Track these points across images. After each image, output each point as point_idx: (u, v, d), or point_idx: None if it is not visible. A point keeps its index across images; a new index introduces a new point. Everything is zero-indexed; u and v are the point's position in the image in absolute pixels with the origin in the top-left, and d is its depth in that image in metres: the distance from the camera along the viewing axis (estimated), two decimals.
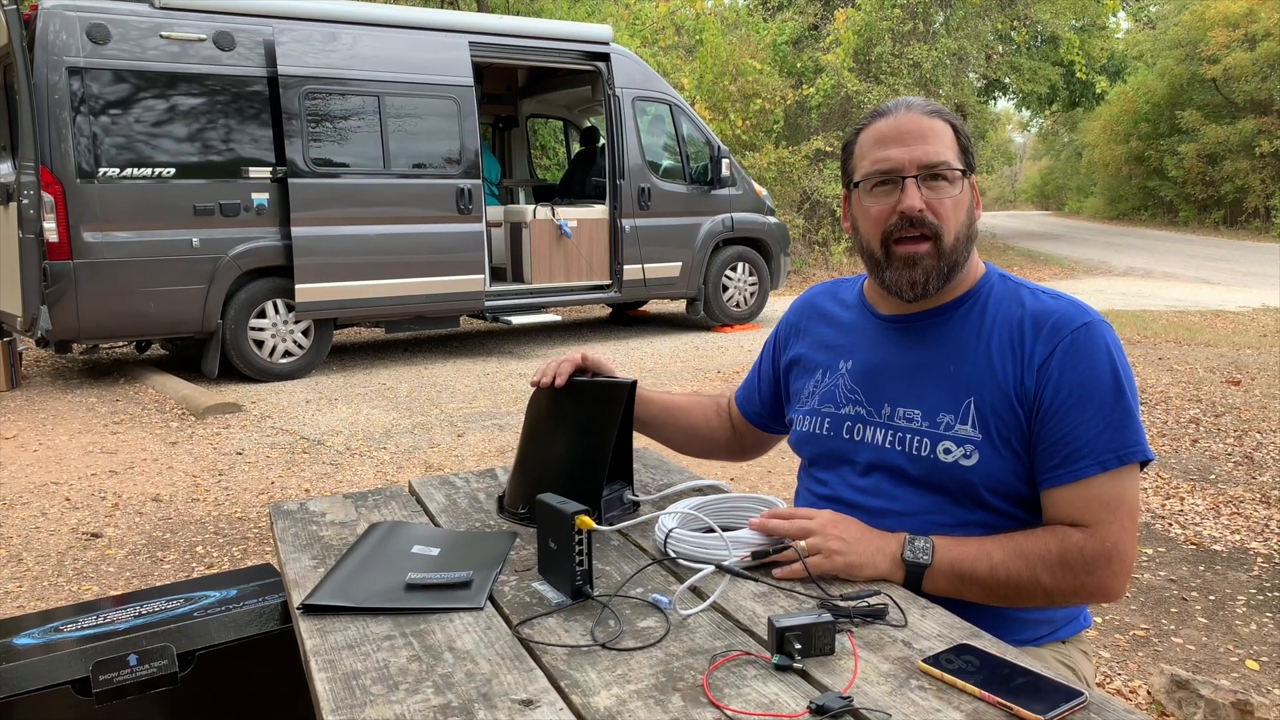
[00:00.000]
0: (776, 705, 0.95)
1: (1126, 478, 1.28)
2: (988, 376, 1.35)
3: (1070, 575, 1.26)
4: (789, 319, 1.68)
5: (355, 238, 7.12)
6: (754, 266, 9.48)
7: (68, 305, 6.19)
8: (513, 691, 0.99)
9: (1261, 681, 2.57)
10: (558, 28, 8.64)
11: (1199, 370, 6.56)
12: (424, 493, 1.71)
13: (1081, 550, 1.26)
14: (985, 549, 1.28)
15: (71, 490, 4.43)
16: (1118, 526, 1.27)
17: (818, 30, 18.74)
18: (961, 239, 1.39)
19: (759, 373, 1.74)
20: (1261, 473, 4.38)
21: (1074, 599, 1.29)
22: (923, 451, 1.37)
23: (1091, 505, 1.27)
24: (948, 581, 1.27)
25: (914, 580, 1.27)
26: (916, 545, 1.28)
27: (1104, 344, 1.32)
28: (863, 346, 1.50)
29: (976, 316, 1.40)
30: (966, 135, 1.43)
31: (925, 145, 1.37)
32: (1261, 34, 23.01)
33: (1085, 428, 1.28)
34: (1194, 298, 11.95)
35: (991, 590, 1.28)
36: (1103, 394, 1.29)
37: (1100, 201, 33.60)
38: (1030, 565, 1.26)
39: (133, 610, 1.72)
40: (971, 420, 1.34)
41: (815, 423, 1.51)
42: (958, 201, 1.39)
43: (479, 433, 5.40)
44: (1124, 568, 1.27)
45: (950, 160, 1.38)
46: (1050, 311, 1.35)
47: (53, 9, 6.11)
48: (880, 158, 1.39)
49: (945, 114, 1.42)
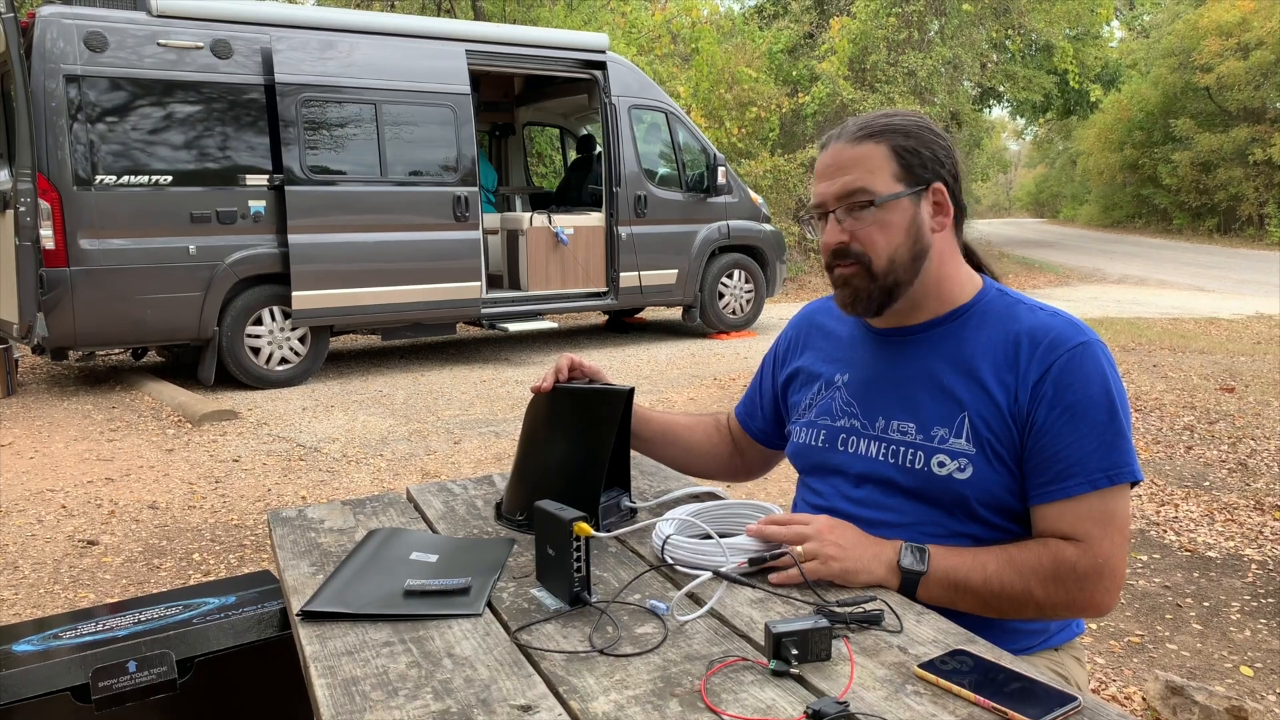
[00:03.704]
0: (773, 710, 0.96)
1: (1117, 496, 1.29)
2: (981, 391, 1.36)
3: (1062, 589, 1.27)
4: (788, 334, 1.70)
5: (352, 245, 7.13)
6: (750, 274, 9.50)
7: (64, 312, 6.19)
8: (511, 697, 1.00)
9: (1256, 688, 2.58)
10: (554, 36, 8.67)
11: (1193, 377, 6.58)
12: (422, 499, 1.72)
13: (1074, 565, 1.27)
14: (980, 559, 1.29)
15: (67, 497, 4.42)
16: (1109, 543, 1.28)
17: (813, 38, 18.81)
18: (901, 259, 1.39)
19: (760, 388, 1.75)
20: (1255, 479, 4.39)
21: (1065, 612, 1.30)
22: (917, 464, 1.38)
23: (1083, 521, 1.29)
24: (942, 590, 1.28)
25: (909, 587, 1.28)
26: (912, 553, 1.30)
27: (1099, 364, 1.32)
28: (858, 360, 1.51)
29: (972, 330, 1.41)
30: (912, 150, 1.39)
31: (845, 175, 1.40)
32: (1255, 43, 23.10)
33: (1077, 446, 1.29)
34: (1188, 305, 11.98)
35: (985, 600, 1.29)
36: (1096, 413, 1.30)
37: (1095, 209, 33.71)
38: (1024, 577, 1.28)
39: (132, 617, 1.72)
40: (965, 434, 1.35)
41: (811, 435, 1.53)
42: (886, 224, 1.38)
43: (476, 439, 5.40)
44: (1115, 583, 1.29)
45: (869, 185, 1.38)
46: (1047, 329, 1.35)
47: (50, 16, 6.12)
48: (814, 193, 1.46)
49: (883, 134, 1.40)
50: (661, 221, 8.77)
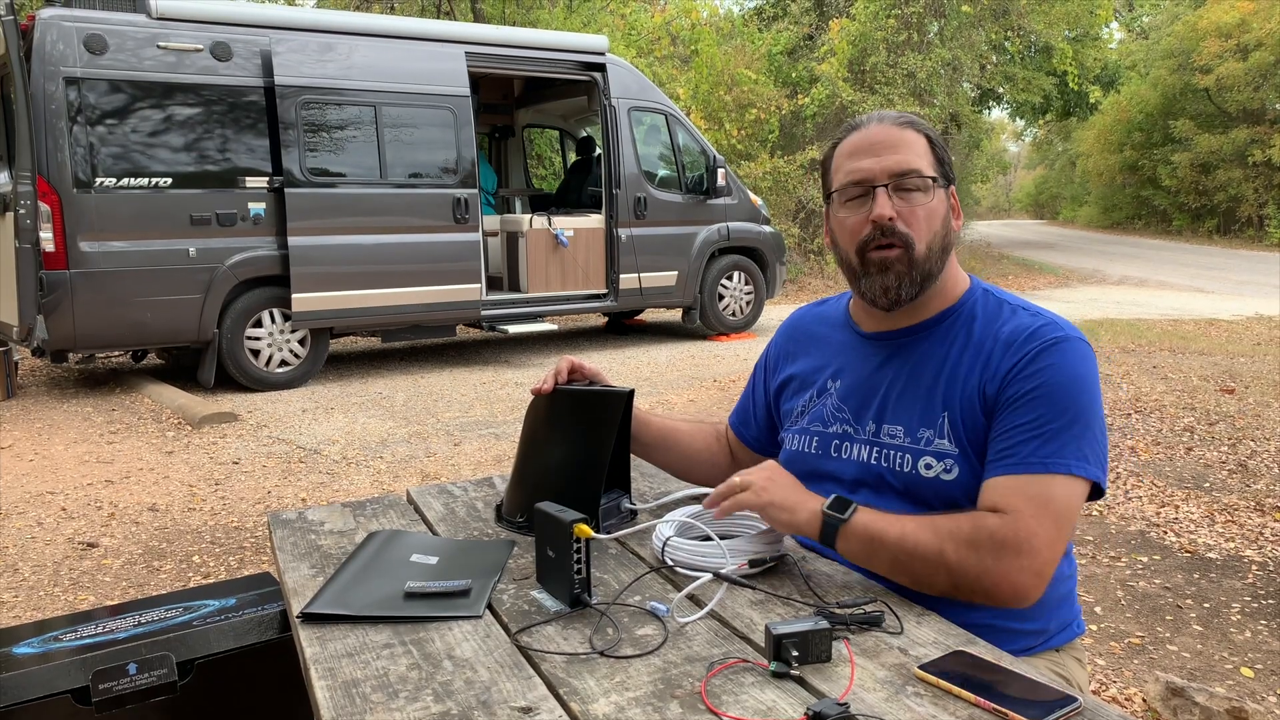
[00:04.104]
0: (774, 712, 0.96)
1: (1058, 484, 1.26)
2: (963, 391, 1.36)
3: (975, 555, 1.22)
4: (777, 341, 1.70)
5: (352, 247, 7.13)
6: (750, 275, 9.51)
7: (64, 315, 6.19)
8: (512, 699, 1.00)
9: (1256, 689, 2.58)
10: (554, 38, 8.68)
11: (1193, 378, 6.58)
12: (422, 501, 1.72)
13: (992, 533, 1.23)
14: (901, 519, 1.28)
15: (67, 500, 4.42)
16: (1036, 522, 1.23)
17: (813, 40, 18.82)
18: (935, 249, 1.40)
19: (752, 397, 1.74)
20: (1255, 480, 4.39)
21: (976, 583, 1.23)
22: (905, 467, 1.38)
23: (1014, 495, 1.26)
24: (859, 543, 1.27)
25: (829, 536, 1.28)
26: (839, 504, 1.29)
27: (1070, 359, 1.31)
28: (849, 365, 1.51)
29: (957, 332, 1.41)
30: (943, 146, 1.44)
31: (896, 154, 1.38)
32: (1254, 44, 23.11)
33: (1021, 430, 1.29)
34: (1188, 306, 11.99)
35: (897, 559, 1.26)
36: (1051, 403, 1.29)
37: (1094, 210, 33.72)
38: (939, 538, 1.24)
39: (132, 619, 1.72)
40: (948, 435, 1.36)
41: (804, 442, 1.53)
42: (930, 211, 1.39)
43: (476, 441, 5.40)
44: (1034, 564, 1.22)
45: (922, 169, 1.39)
46: (1026, 327, 1.36)
47: (50, 19, 6.12)
48: (853, 169, 1.41)
49: (920, 125, 1.43)
50: (661, 223, 8.78)
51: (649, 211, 8.68)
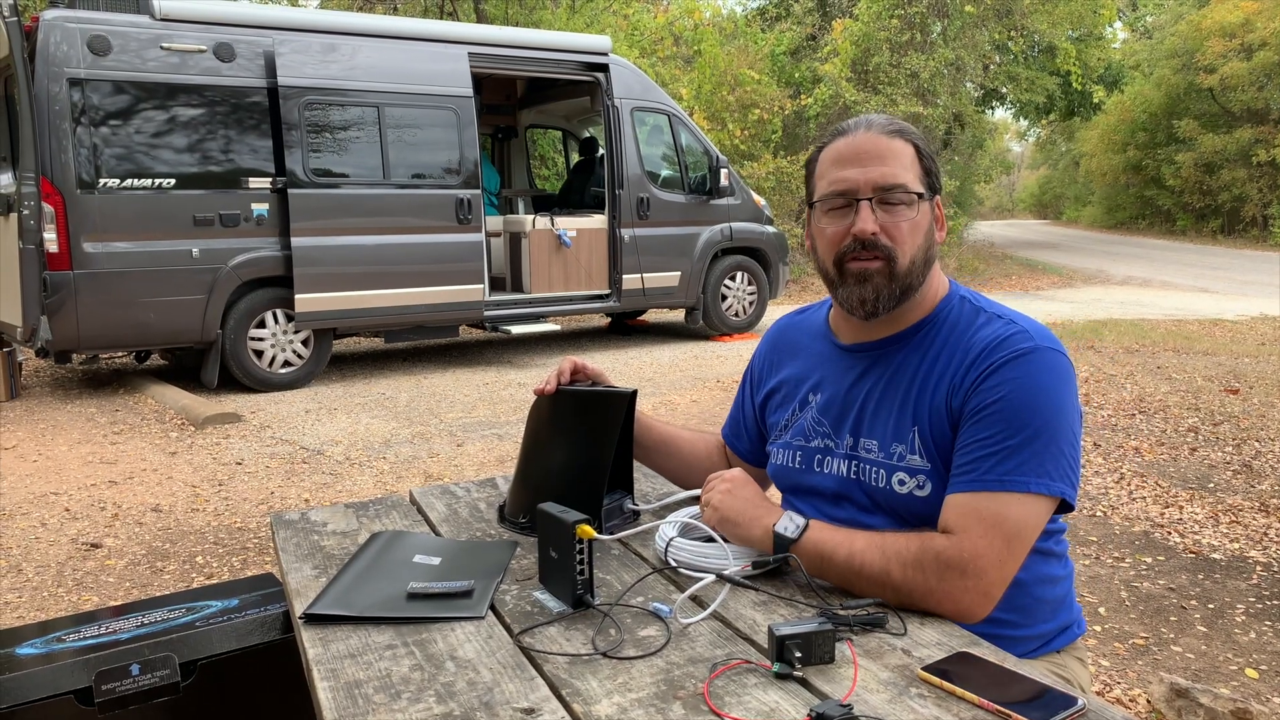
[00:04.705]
0: (777, 713, 0.95)
1: (1015, 504, 1.23)
2: (929, 403, 1.34)
3: (920, 576, 1.21)
4: (761, 353, 1.69)
5: (355, 248, 7.13)
6: (753, 276, 9.50)
7: (68, 315, 6.20)
8: (514, 700, 1.00)
9: (1261, 690, 2.57)
10: (557, 38, 8.68)
11: (1197, 379, 6.57)
12: (425, 502, 1.72)
13: (938, 554, 1.21)
14: (852, 537, 1.26)
15: (71, 500, 4.43)
16: (985, 542, 1.21)
17: (815, 40, 18.83)
18: (918, 262, 1.38)
19: (741, 409, 1.73)
20: (1260, 481, 4.38)
21: (922, 603, 1.21)
22: (880, 483, 1.37)
23: (965, 515, 1.24)
24: (809, 561, 1.26)
25: (780, 552, 1.27)
26: (792, 521, 1.28)
27: (1037, 373, 1.28)
28: (828, 377, 1.49)
29: (930, 343, 1.39)
30: (930, 156, 1.41)
31: (882, 166, 1.35)
32: (1258, 43, 23.07)
33: (979, 447, 1.27)
34: (1192, 306, 11.97)
35: (844, 577, 1.25)
36: (1010, 419, 1.26)
37: (1098, 210, 33.67)
38: (886, 559, 1.22)
39: (135, 620, 1.72)
40: (919, 450, 1.34)
41: (787, 456, 1.52)
42: (914, 224, 1.37)
43: (478, 442, 5.40)
44: (980, 585, 1.20)
45: (908, 183, 1.36)
46: (995, 337, 1.33)
47: (54, 20, 6.13)
48: (837, 178, 1.38)
49: (909, 133, 1.40)
50: (664, 223, 8.78)
51: (652, 212, 8.68)
